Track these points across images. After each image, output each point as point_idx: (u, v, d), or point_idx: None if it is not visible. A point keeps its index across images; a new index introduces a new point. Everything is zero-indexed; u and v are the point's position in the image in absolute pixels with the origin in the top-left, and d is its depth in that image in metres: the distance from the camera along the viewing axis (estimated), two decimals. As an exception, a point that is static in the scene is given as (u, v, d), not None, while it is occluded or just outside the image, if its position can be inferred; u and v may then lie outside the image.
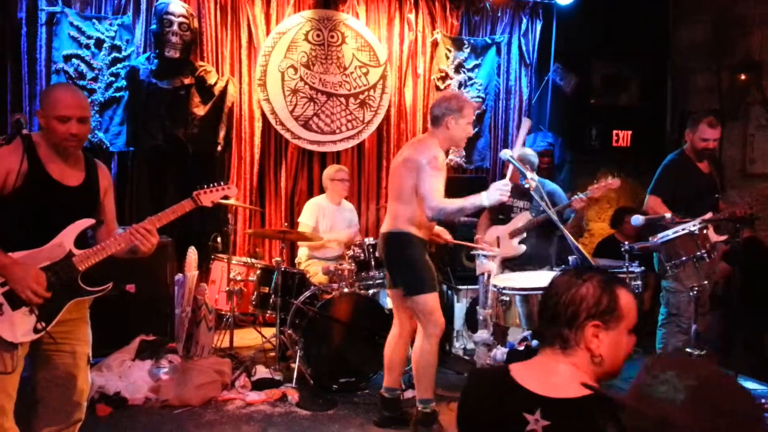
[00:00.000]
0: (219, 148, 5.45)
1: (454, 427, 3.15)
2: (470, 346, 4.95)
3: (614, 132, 6.54)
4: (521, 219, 4.22)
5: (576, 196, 3.98)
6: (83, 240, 2.48)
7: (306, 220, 5.02)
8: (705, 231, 3.41)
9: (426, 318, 3.35)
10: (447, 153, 3.68)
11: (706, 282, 3.40)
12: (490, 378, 1.61)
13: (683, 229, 3.43)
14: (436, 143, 3.37)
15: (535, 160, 4.35)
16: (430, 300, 3.34)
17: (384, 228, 3.52)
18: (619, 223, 5.71)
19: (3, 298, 2.31)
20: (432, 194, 3.22)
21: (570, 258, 3.08)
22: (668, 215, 3.57)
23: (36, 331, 2.36)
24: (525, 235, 4.15)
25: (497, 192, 3.21)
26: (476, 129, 5.86)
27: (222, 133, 5.43)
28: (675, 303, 3.98)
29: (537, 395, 1.46)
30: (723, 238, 3.64)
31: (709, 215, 3.61)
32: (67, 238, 2.42)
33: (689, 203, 4.01)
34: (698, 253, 3.38)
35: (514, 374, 1.52)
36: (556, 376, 1.49)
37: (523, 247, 3.44)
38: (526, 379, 1.50)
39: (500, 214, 4.35)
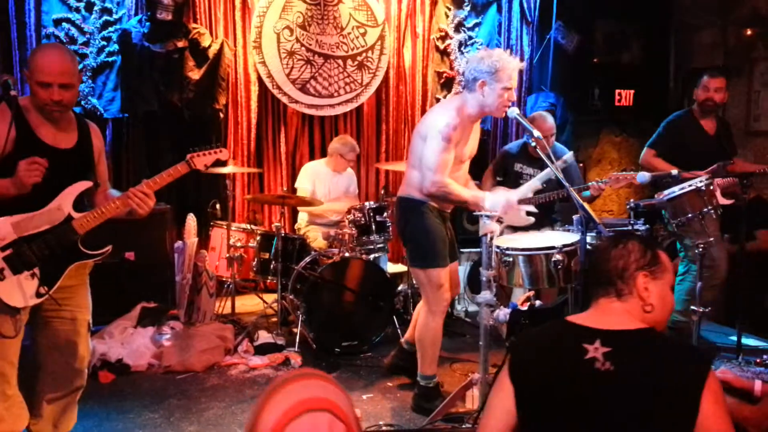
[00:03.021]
0: (221, 115, 5.35)
1: (455, 388, 3.16)
2: (472, 308, 4.95)
3: (617, 91, 6.41)
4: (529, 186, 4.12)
5: (595, 183, 3.88)
6: (80, 203, 2.46)
7: (303, 185, 4.95)
8: (711, 188, 3.35)
9: (429, 293, 3.20)
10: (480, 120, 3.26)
11: (712, 239, 3.35)
12: (545, 328, 1.68)
13: (690, 186, 3.38)
14: (461, 110, 3.07)
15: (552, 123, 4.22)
16: (434, 275, 3.16)
17: (399, 192, 3.33)
18: None
19: (4, 262, 2.30)
20: (438, 168, 2.99)
21: (574, 217, 3.03)
22: (675, 171, 3.52)
23: (39, 295, 2.37)
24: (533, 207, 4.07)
25: (501, 206, 3.00)
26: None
27: (222, 99, 5.33)
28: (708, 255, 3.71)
29: (595, 329, 1.55)
30: (730, 202, 3.57)
31: (714, 167, 3.53)
32: (65, 201, 2.41)
33: (688, 163, 3.90)
34: (704, 210, 3.33)
35: (571, 319, 1.63)
36: (612, 315, 1.60)
37: (532, 219, 3.33)
38: (583, 321, 1.60)
39: (506, 180, 4.27)
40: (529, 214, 3.30)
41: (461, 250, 4.90)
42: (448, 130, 3.01)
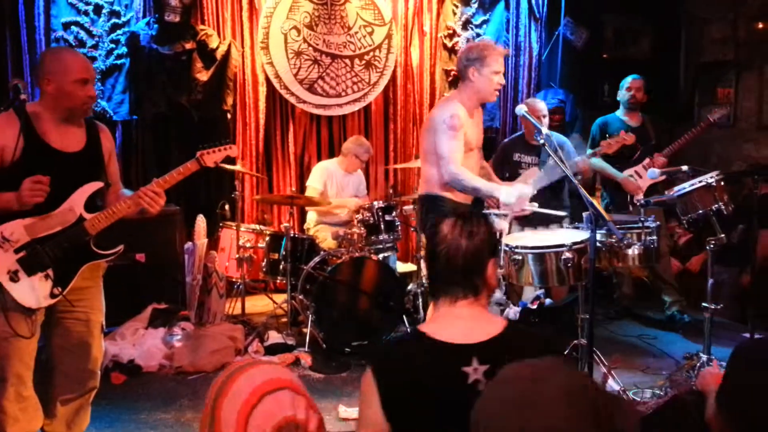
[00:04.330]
0: (229, 116, 5.37)
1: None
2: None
3: (627, 87, 6.37)
4: (530, 174, 4.14)
5: (589, 152, 3.91)
6: (92, 204, 2.48)
7: (314, 184, 4.96)
8: (722, 183, 3.32)
9: None
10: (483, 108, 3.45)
11: (723, 235, 3.32)
12: (406, 347, 1.55)
13: (700, 182, 3.35)
14: (459, 100, 3.23)
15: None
16: None
17: (419, 191, 3.48)
18: None
19: (18, 264, 2.33)
20: (450, 157, 3.09)
21: (584, 214, 3.01)
22: (685, 168, 3.49)
23: (53, 296, 2.40)
24: (535, 192, 4.08)
25: (515, 197, 3.07)
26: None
27: (230, 100, 5.34)
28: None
29: (466, 345, 1.45)
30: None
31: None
32: (77, 202, 2.43)
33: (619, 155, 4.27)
34: (715, 207, 3.30)
35: (432, 335, 1.49)
36: (473, 320, 1.51)
37: (535, 205, 3.37)
38: (447, 335, 1.48)
39: (507, 171, 4.27)
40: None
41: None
42: (451, 120, 3.13)
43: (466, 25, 5.94)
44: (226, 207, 4.84)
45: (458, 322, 1.52)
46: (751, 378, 1.44)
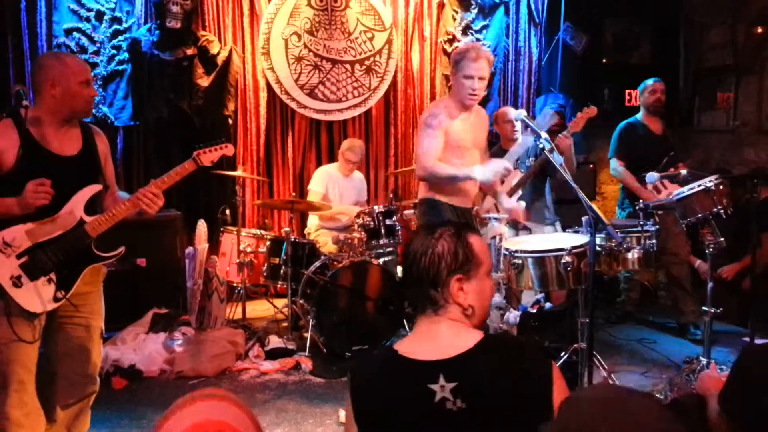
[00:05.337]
0: (230, 121, 5.39)
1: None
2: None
3: (627, 92, 6.38)
4: (513, 177, 4.16)
5: (560, 135, 3.93)
6: (91, 207, 2.50)
7: (316, 188, 4.99)
8: (721, 187, 3.32)
9: None
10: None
11: (723, 239, 3.32)
12: (378, 366, 1.53)
13: (699, 186, 3.35)
14: (446, 102, 3.30)
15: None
16: None
17: (418, 195, 3.56)
18: None
19: (20, 270, 2.34)
20: (425, 154, 3.18)
21: (583, 218, 3.02)
22: (684, 171, 3.49)
23: (56, 299, 2.41)
24: (521, 192, 4.11)
25: (491, 172, 3.16)
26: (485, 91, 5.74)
27: (231, 105, 5.37)
28: None
29: (433, 362, 1.42)
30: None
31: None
32: (76, 205, 2.45)
33: (642, 163, 4.24)
34: (715, 210, 3.30)
35: (402, 352, 1.48)
36: (440, 336, 1.48)
37: (523, 204, 3.46)
38: (416, 352, 1.46)
39: None
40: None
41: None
42: (431, 119, 3.22)
43: (466, 30, 5.96)
44: (227, 212, 4.86)
45: (428, 338, 1.49)
46: (758, 381, 1.44)
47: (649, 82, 4.64)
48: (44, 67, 2.44)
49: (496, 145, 4.61)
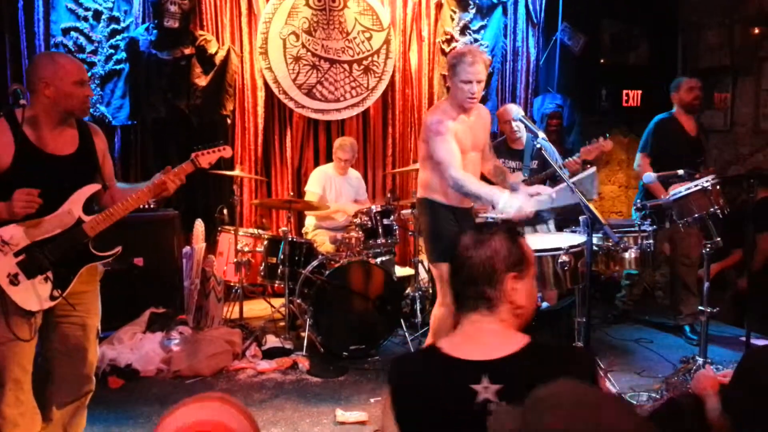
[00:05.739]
0: (229, 120, 5.39)
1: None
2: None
3: (624, 92, 6.39)
4: (514, 179, 4.16)
5: (570, 159, 3.92)
6: (90, 206, 2.50)
7: (313, 188, 4.99)
8: (718, 187, 3.33)
9: (438, 285, 3.38)
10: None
11: (719, 239, 3.33)
12: (419, 365, 1.52)
13: (696, 186, 3.36)
14: (446, 105, 3.29)
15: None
16: (444, 269, 3.24)
17: (416, 195, 3.58)
18: None
19: (18, 268, 2.34)
20: (448, 161, 3.10)
21: (581, 218, 3.03)
22: (681, 171, 3.50)
23: (52, 298, 2.41)
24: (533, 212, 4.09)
25: (514, 210, 2.94)
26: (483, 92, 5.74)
27: (230, 105, 5.37)
28: None
29: (478, 362, 1.42)
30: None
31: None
32: (75, 205, 2.45)
33: (672, 163, 4.02)
34: (711, 210, 3.31)
35: (446, 351, 1.47)
36: (489, 336, 1.48)
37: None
38: (461, 351, 1.46)
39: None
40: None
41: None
42: (437, 126, 3.18)
43: (464, 30, 5.97)
44: (225, 211, 4.86)
45: (474, 338, 1.48)
46: (762, 382, 1.45)
47: (683, 79, 4.47)
48: (38, 67, 2.43)
49: (497, 142, 4.59)
